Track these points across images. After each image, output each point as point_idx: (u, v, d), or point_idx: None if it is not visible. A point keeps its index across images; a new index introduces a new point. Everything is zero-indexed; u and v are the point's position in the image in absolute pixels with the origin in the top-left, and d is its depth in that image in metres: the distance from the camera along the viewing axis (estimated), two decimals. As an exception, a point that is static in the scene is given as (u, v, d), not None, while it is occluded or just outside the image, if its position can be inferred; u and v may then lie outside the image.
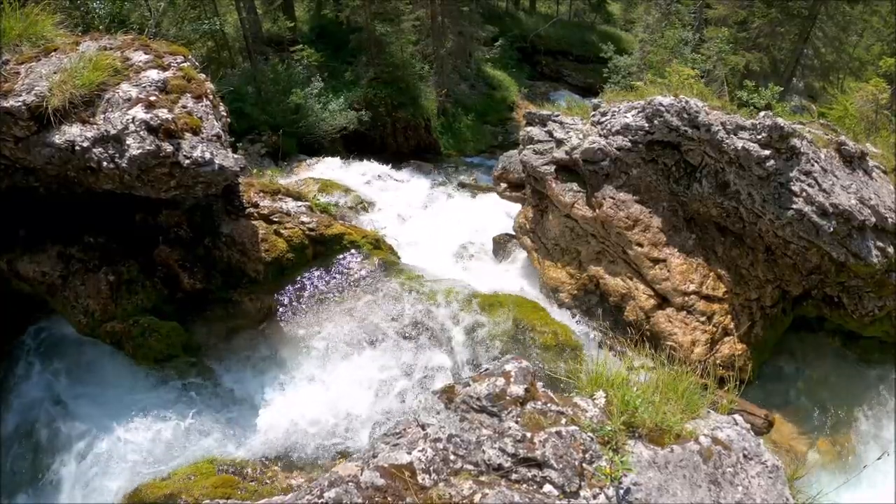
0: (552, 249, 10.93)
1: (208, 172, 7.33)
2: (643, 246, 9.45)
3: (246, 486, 6.73)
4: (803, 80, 23.17)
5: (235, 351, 8.72)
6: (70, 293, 8.13)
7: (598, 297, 10.29)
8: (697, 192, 9.25)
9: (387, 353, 8.82)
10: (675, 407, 3.87)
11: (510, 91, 26.88)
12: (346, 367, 8.64)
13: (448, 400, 3.60)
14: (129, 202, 8.16)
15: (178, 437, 7.55)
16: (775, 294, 9.67)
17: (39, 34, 7.87)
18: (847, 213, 8.34)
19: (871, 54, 22.72)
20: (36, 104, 6.89)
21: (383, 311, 9.38)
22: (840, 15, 20.84)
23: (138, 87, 7.36)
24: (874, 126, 12.14)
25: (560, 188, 10.18)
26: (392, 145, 20.66)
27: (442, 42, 22.01)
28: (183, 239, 8.82)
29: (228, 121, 8.67)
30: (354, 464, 3.31)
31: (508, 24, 32.08)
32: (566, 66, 32.39)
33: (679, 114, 8.86)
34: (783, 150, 8.36)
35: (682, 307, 9.29)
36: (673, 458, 3.53)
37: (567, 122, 10.46)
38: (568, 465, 3.27)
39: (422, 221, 14.35)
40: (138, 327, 8.05)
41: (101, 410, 7.80)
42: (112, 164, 6.96)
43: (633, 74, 19.23)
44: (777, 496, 3.70)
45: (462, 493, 3.10)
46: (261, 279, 9.27)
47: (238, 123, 14.87)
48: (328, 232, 10.10)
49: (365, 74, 20.11)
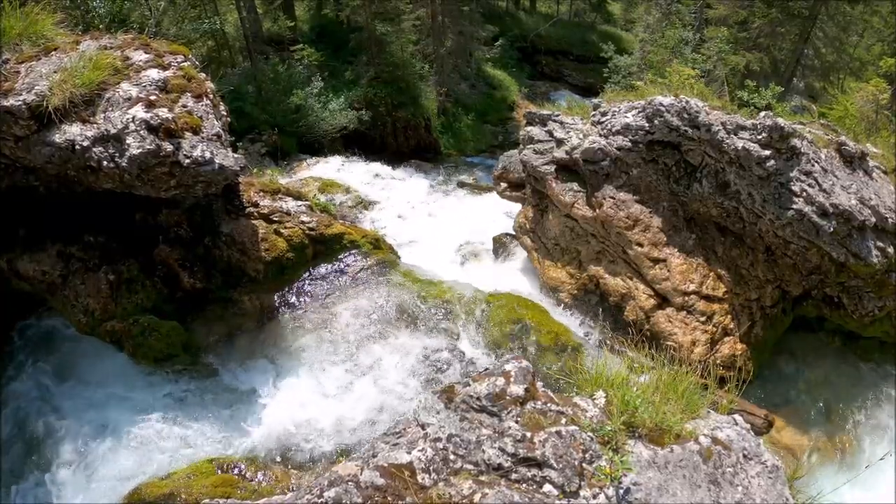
0: (552, 249, 10.93)
1: (208, 172, 7.32)
2: (643, 246, 9.45)
3: (246, 486, 6.73)
4: (804, 81, 23.16)
5: (235, 350, 8.72)
6: (70, 292, 8.13)
7: (599, 296, 10.29)
8: (697, 192, 9.25)
9: (387, 352, 8.81)
10: (675, 407, 3.87)
11: (510, 91, 26.88)
12: (346, 367, 8.63)
13: (448, 399, 3.60)
14: (130, 201, 8.16)
15: (177, 436, 7.54)
16: (775, 294, 9.67)
17: (39, 33, 7.86)
18: (847, 214, 8.33)
19: (872, 54, 22.71)
20: (36, 103, 6.89)
21: (383, 310, 9.38)
22: (840, 15, 20.82)
23: (138, 86, 7.36)
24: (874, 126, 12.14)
25: (560, 188, 10.17)
26: (392, 145, 20.66)
27: (442, 41, 22.00)
28: (183, 238, 8.82)
29: (229, 120, 8.67)
30: (354, 463, 3.31)
31: (508, 24, 32.09)
32: (566, 66, 32.40)
33: (679, 114, 8.86)
34: (783, 151, 8.36)
35: (682, 307, 9.29)
36: (673, 458, 3.53)
37: (567, 122, 10.46)
38: (568, 464, 3.27)
39: (422, 221, 14.35)
40: (138, 326, 8.05)
41: (100, 409, 7.80)
42: (112, 164, 6.95)
43: (633, 74, 19.22)
44: (777, 496, 3.70)
45: (462, 493, 3.10)
46: (261, 279, 9.27)
47: (238, 123, 14.88)
48: (328, 231, 10.10)
49: (365, 74, 20.11)
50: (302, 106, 18.05)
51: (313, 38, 22.80)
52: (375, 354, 8.77)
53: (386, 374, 8.53)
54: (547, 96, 27.87)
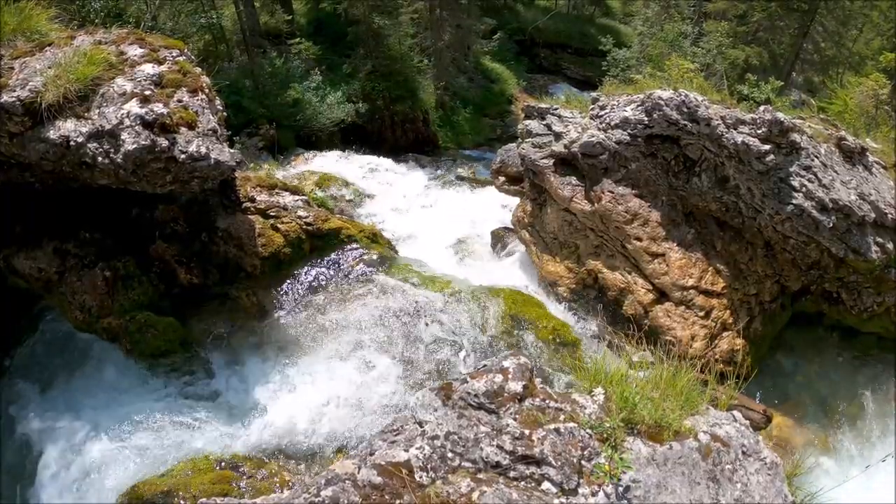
0: (550, 243, 10.90)
1: (204, 167, 7.27)
2: (642, 240, 9.42)
3: (243, 483, 6.71)
4: (803, 75, 23.13)
5: (232, 346, 8.69)
6: (67, 289, 8.09)
7: (597, 291, 10.27)
8: (697, 186, 9.22)
9: (384, 347, 8.79)
10: (673, 403, 3.85)
11: (509, 84, 26.81)
12: (343, 363, 8.61)
13: (446, 397, 3.58)
14: (125, 197, 8.12)
15: (175, 433, 7.51)
16: (774, 289, 9.66)
17: (34, 29, 7.82)
18: (847, 209, 8.31)
19: (871, 49, 22.65)
20: (30, 99, 6.83)
21: (380, 305, 9.34)
22: (840, 9, 20.79)
23: (133, 81, 7.30)
24: (874, 121, 12.09)
25: (559, 182, 10.13)
26: (390, 138, 20.59)
27: (440, 35, 21.90)
28: (179, 234, 8.77)
29: (225, 115, 8.60)
30: (352, 461, 3.29)
31: (507, 17, 32.01)
32: (565, 59, 32.35)
33: (678, 108, 8.81)
34: (783, 145, 8.33)
35: (681, 302, 9.27)
36: (672, 455, 3.52)
37: (566, 116, 10.41)
38: (566, 462, 3.25)
39: (419, 215, 14.30)
40: (135, 323, 8.00)
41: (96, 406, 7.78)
42: (107, 160, 6.90)
43: (632, 68, 19.16)
44: (776, 493, 3.69)
45: (460, 491, 3.08)
46: (258, 274, 9.23)
47: (236, 117, 14.80)
48: (325, 226, 10.06)
49: (363, 67, 20.03)
50: (299, 100, 17.97)
51: (311, 32, 22.70)
52: (372, 350, 8.74)
53: (383, 369, 8.50)
54: (545, 89, 27.76)
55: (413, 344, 8.84)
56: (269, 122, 17.16)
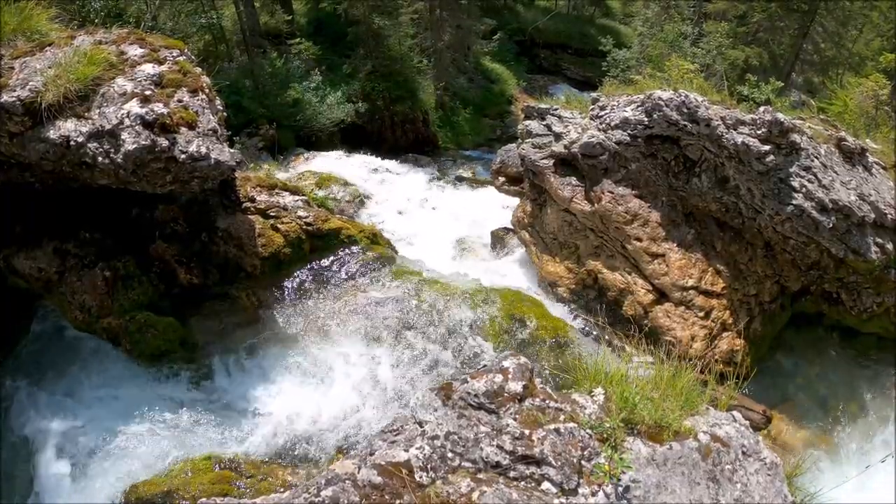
0: (550, 244, 10.90)
1: (204, 167, 7.27)
2: (642, 240, 9.43)
3: (243, 483, 6.71)
4: (802, 76, 23.12)
5: (232, 346, 8.68)
6: (67, 289, 8.10)
7: (597, 291, 10.27)
8: (697, 186, 9.22)
9: (384, 348, 8.79)
10: (673, 403, 3.85)
11: (509, 84, 26.81)
12: (344, 363, 8.61)
13: (446, 397, 3.58)
14: (125, 197, 8.12)
15: (174, 434, 7.51)
16: (774, 289, 9.66)
17: (34, 29, 7.82)
18: (846, 209, 8.31)
19: (871, 50, 22.63)
20: (31, 99, 6.84)
21: (380, 305, 9.34)
22: (840, 10, 20.78)
23: (133, 81, 7.30)
24: (874, 122, 12.07)
25: (559, 182, 10.14)
26: (390, 139, 20.59)
27: (440, 35, 21.90)
28: (179, 234, 8.77)
29: (225, 115, 8.60)
30: (352, 461, 3.29)
31: (507, 17, 32.01)
32: (565, 60, 32.34)
33: (678, 108, 8.81)
34: (783, 146, 8.33)
35: (681, 302, 9.27)
36: (672, 455, 3.52)
37: (566, 116, 10.41)
38: (566, 462, 3.25)
39: (419, 215, 14.31)
40: (135, 323, 8.01)
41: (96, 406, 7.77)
42: (107, 160, 6.91)
43: (632, 68, 19.15)
44: (776, 493, 3.69)
45: (460, 491, 3.08)
46: (258, 274, 9.23)
47: (236, 117, 14.81)
48: (325, 226, 10.06)
49: (363, 68, 20.03)
50: (299, 100, 17.98)
51: (311, 32, 22.70)
52: (373, 350, 8.74)
53: (384, 370, 8.50)
54: (545, 90, 27.77)
55: (413, 344, 8.84)
56: (269, 123, 17.16)
